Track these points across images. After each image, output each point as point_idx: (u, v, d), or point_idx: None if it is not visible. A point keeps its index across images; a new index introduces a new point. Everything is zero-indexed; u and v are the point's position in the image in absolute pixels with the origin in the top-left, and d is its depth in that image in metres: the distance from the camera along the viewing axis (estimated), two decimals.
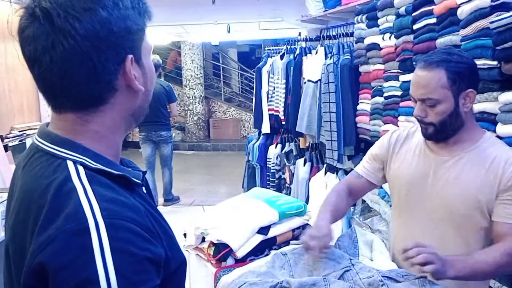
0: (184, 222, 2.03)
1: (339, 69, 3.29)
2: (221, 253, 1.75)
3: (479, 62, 1.85)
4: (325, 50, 3.71)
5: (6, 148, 3.63)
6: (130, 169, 0.86)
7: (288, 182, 4.45)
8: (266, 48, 5.62)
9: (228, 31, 7.51)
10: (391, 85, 2.71)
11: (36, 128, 4.21)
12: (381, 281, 1.18)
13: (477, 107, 1.93)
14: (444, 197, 1.47)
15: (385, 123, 2.78)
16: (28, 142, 3.99)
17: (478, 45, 1.86)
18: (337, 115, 3.34)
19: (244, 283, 1.30)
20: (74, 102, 0.78)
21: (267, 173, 4.87)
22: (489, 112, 1.87)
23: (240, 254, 1.74)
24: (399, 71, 2.61)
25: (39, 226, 0.69)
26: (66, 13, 0.72)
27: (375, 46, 2.88)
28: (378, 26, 2.85)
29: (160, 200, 5.76)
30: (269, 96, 4.71)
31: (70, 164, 0.75)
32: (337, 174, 3.55)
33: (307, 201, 3.76)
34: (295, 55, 4.20)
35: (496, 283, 1.87)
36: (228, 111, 10.71)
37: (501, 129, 1.79)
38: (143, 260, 0.69)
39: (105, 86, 0.77)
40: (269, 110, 4.74)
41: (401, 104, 2.59)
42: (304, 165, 4.07)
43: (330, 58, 3.45)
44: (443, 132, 1.46)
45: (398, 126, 2.51)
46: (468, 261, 1.33)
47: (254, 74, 5.23)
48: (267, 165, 4.87)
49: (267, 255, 1.60)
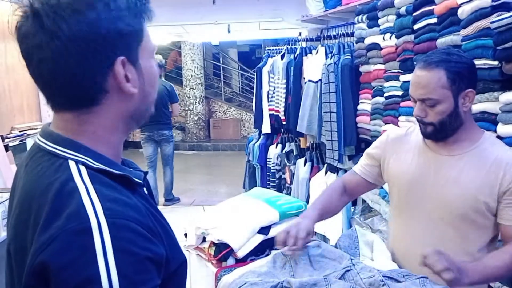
0: (185, 222, 2.03)
1: (339, 69, 3.29)
2: (222, 253, 1.75)
3: (480, 62, 1.85)
4: (326, 50, 3.72)
5: (6, 148, 3.63)
6: (131, 169, 0.86)
7: (289, 182, 4.45)
8: (267, 48, 5.62)
9: (229, 31, 7.52)
10: (392, 85, 2.71)
11: (37, 128, 4.22)
12: (382, 281, 1.18)
13: (478, 107, 1.93)
14: (444, 196, 1.47)
15: (385, 123, 2.78)
16: (29, 142, 4.00)
17: (478, 45, 1.86)
18: (337, 115, 3.34)
19: (245, 283, 1.30)
20: (66, 102, 0.78)
21: (268, 173, 4.87)
22: (489, 112, 1.87)
23: (240, 254, 1.74)
24: (399, 71, 2.61)
25: (40, 225, 0.69)
26: (55, 14, 0.72)
27: (375, 46, 2.88)
28: (378, 26, 2.84)
29: (161, 200, 5.77)
30: (270, 96, 4.71)
31: (72, 164, 0.75)
32: (337, 174, 3.55)
33: (307, 201, 3.76)
34: (296, 55, 4.20)
35: (497, 283, 1.86)
36: (229, 111, 10.71)
37: (502, 129, 1.79)
38: (144, 260, 0.69)
39: (94, 87, 0.76)
40: (269, 110, 4.74)
41: (402, 104, 2.59)
42: (305, 165, 4.07)
43: (331, 58, 3.45)
44: (442, 131, 1.46)
45: (398, 126, 2.51)
46: (479, 267, 1.35)
47: (255, 74, 5.23)
48: (268, 165, 4.87)
49: (267, 255, 1.60)
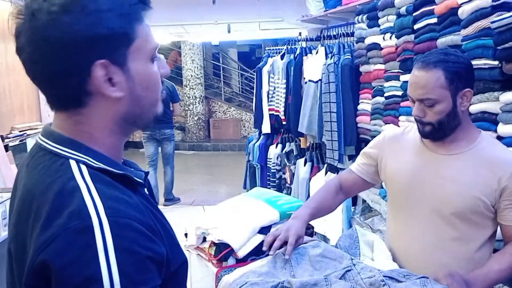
0: (185, 222, 2.03)
1: (339, 69, 3.29)
2: (222, 253, 1.75)
3: (480, 62, 1.85)
4: (326, 50, 3.71)
5: (6, 148, 3.64)
6: (132, 169, 0.86)
7: (289, 182, 4.45)
8: (267, 48, 5.62)
9: (229, 31, 7.51)
10: (392, 85, 2.71)
11: (37, 128, 4.22)
12: (382, 281, 1.18)
13: (478, 107, 1.93)
14: (442, 195, 1.48)
15: (386, 123, 2.78)
16: (29, 142, 4.00)
17: (479, 45, 1.86)
18: (337, 115, 3.34)
19: (245, 283, 1.30)
20: (56, 102, 0.78)
21: (268, 173, 4.87)
22: (490, 112, 1.87)
23: (241, 254, 1.74)
24: (399, 71, 2.61)
25: (40, 224, 0.69)
26: (34, 18, 0.72)
27: (375, 46, 2.88)
28: (378, 26, 2.84)
29: (161, 199, 5.77)
30: (270, 96, 4.71)
31: (73, 163, 0.75)
32: (337, 174, 3.55)
33: None
34: (296, 55, 4.20)
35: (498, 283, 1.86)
36: (229, 111, 10.71)
37: (502, 129, 1.79)
38: (145, 259, 0.69)
39: (76, 89, 0.75)
40: (269, 110, 4.74)
41: (402, 104, 2.59)
42: (305, 165, 4.07)
43: (331, 58, 3.45)
44: (440, 131, 1.47)
45: (399, 126, 2.51)
46: (483, 274, 1.38)
47: (255, 74, 5.23)
48: (268, 165, 4.87)
49: (268, 255, 1.60)
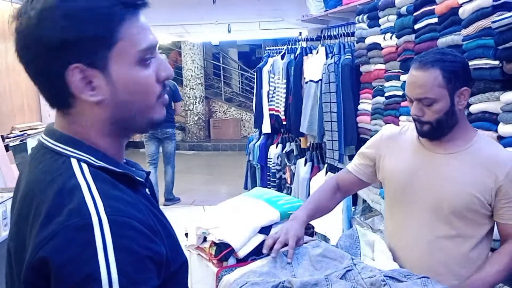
0: (185, 222, 2.03)
1: (340, 69, 3.29)
2: (223, 252, 1.75)
3: (481, 62, 1.85)
4: (326, 50, 3.72)
5: (7, 148, 3.64)
6: (134, 169, 0.86)
7: (289, 182, 4.45)
8: (267, 48, 5.62)
9: (229, 31, 7.51)
10: (392, 84, 2.71)
11: (37, 128, 4.22)
12: (383, 281, 1.18)
13: (479, 106, 1.93)
14: (439, 194, 1.49)
15: (386, 123, 2.77)
16: (29, 142, 4.00)
17: (479, 44, 1.86)
18: (337, 115, 3.34)
19: (246, 283, 1.30)
20: (47, 101, 0.79)
21: (268, 173, 4.87)
22: (490, 112, 1.87)
23: (241, 253, 1.74)
24: (400, 70, 2.61)
25: (40, 221, 0.69)
26: (19, 20, 0.74)
27: (376, 46, 2.88)
28: (379, 26, 2.84)
29: (161, 199, 5.77)
30: (270, 96, 4.72)
31: (74, 162, 0.75)
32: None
33: None
34: (296, 55, 4.20)
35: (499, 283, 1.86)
36: (229, 111, 10.71)
37: (503, 128, 1.79)
38: (144, 259, 0.69)
39: (59, 91, 0.76)
40: (269, 110, 4.74)
41: (402, 104, 2.59)
42: (305, 165, 4.07)
43: (331, 58, 3.45)
44: (439, 129, 1.48)
45: (399, 126, 2.51)
46: (482, 279, 1.41)
47: (255, 74, 5.23)
48: (268, 165, 4.87)
49: (268, 255, 1.60)
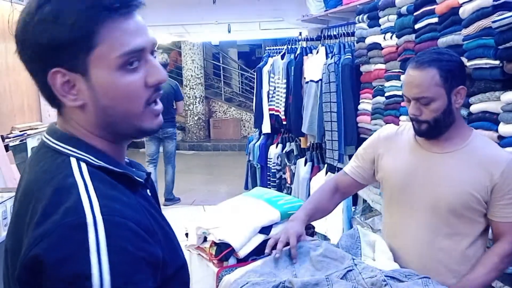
0: (185, 222, 2.03)
1: (340, 68, 3.29)
2: (223, 252, 1.75)
3: (481, 62, 1.85)
4: (326, 50, 3.71)
5: (7, 148, 3.63)
6: (134, 169, 0.86)
7: (289, 182, 4.45)
8: (267, 48, 5.62)
9: (229, 31, 7.50)
10: (392, 84, 2.71)
11: (37, 128, 4.21)
12: (384, 281, 1.18)
13: (479, 106, 1.93)
14: (437, 193, 1.51)
15: (386, 123, 2.77)
16: (29, 142, 3.99)
17: (480, 44, 1.86)
18: (337, 114, 3.34)
19: (247, 283, 1.30)
20: (45, 100, 0.81)
21: (268, 173, 4.87)
22: (491, 111, 1.87)
23: (242, 253, 1.74)
24: (400, 70, 2.61)
25: (36, 219, 0.69)
26: (16, 24, 0.78)
27: (376, 46, 2.87)
28: (379, 25, 2.84)
29: (161, 199, 5.76)
30: (270, 96, 4.71)
31: (73, 161, 0.75)
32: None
33: None
34: (296, 55, 4.20)
35: (499, 283, 1.86)
36: (229, 111, 10.71)
37: (504, 128, 1.79)
38: (139, 260, 0.68)
39: (47, 93, 0.77)
40: (269, 110, 4.74)
41: (403, 103, 2.58)
42: (305, 165, 4.07)
43: (331, 58, 3.44)
44: (436, 128, 1.49)
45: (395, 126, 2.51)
46: (473, 280, 1.43)
47: (255, 74, 5.23)
48: (268, 165, 4.87)
49: (269, 255, 1.60)
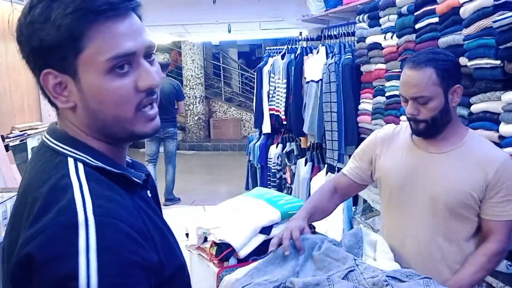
0: (185, 222, 2.03)
1: (340, 68, 3.29)
2: (224, 253, 1.75)
3: (482, 62, 1.85)
4: (326, 50, 3.71)
5: (7, 148, 3.63)
6: (132, 170, 0.85)
7: (289, 182, 4.45)
8: (267, 48, 5.62)
9: (229, 31, 7.50)
10: (393, 84, 2.70)
11: (37, 128, 4.21)
12: (385, 281, 1.18)
13: (480, 106, 1.93)
14: (434, 193, 1.52)
15: (387, 123, 2.77)
16: (29, 142, 3.99)
17: (481, 44, 1.86)
18: (338, 114, 3.33)
19: (249, 284, 1.29)
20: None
21: (268, 173, 4.86)
22: (492, 111, 1.87)
23: (242, 254, 1.74)
24: (401, 70, 2.58)
25: (31, 218, 0.69)
26: None
27: (376, 46, 2.87)
28: (379, 25, 2.84)
29: (161, 199, 5.75)
30: (270, 96, 4.71)
31: (70, 161, 0.76)
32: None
33: None
34: (296, 55, 4.20)
35: (499, 283, 1.86)
36: (229, 111, 10.70)
37: (504, 128, 1.79)
38: (130, 263, 0.67)
39: (43, 92, 0.79)
40: (270, 110, 4.73)
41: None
42: (305, 165, 4.07)
43: (332, 58, 3.44)
44: (434, 127, 1.50)
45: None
46: (458, 281, 1.44)
47: (255, 74, 5.23)
48: (268, 165, 4.86)
49: (271, 252, 1.59)
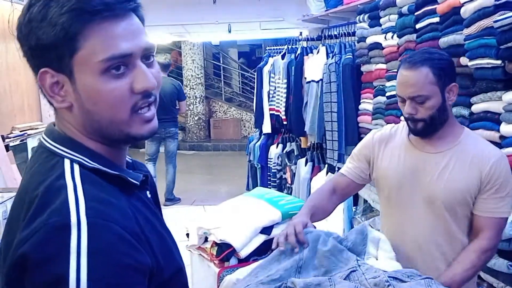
0: (185, 222, 2.03)
1: (341, 68, 3.28)
2: (224, 253, 1.75)
3: (483, 61, 1.85)
4: (327, 50, 3.71)
5: (7, 148, 3.63)
6: (130, 171, 0.85)
7: (290, 182, 4.45)
8: (267, 48, 5.61)
9: (229, 31, 7.49)
10: (394, 84, 2.69)
11: (37, 128, 4.21)
12: (387, 281, 1.18)
13: (481, 106, 1.93)
14: (433, 192, 1.53)
15: (387, 123, 2.77)
16: (29, 142, 3.99)
17: (481, 44, 1.86)
18: (338, 114, 3.33)
19: (250, 284, 1.29)
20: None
21: (268, 173, 4.86)
22: (492, 111, 1.87)
23: (243, 254, 1.74)
24: None
25: (26, 220, 0.70)
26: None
27: (377, 46, 2.87)
28: (380, 25, 2.84)
29: (161, 199, 5.75)
30: (270, 96, 4.71)
31: (66, 163, 0.75)
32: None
33: None
34: (297, 55, 4.20)
35: (500, 283, 1.86)
36: (229, 111, 10.70)
37: (505, 128, 1.79)
38: (122, 265, 0.67)
39: (41, 91, 0.79)
40: (270, 110, 4.73)
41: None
42: (306, 165, 4.07)
43: (332, 58, 3.44)
44: (432, 126, 1.51)
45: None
46: (449, 279, 1.44)
47: (255, 73, 5.23)
48: (268, 165, 4.86)
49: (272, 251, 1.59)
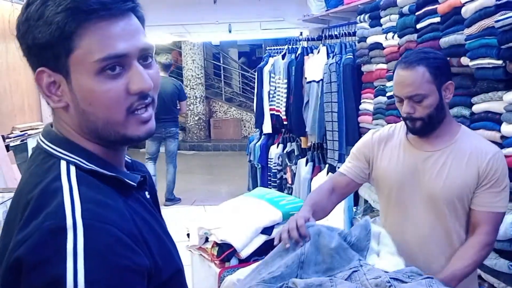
0: (185, 222, 2.03)
1: (341, 68, 3.28)
2: (225, 253, 1.75)
3: (484, 61, 1.84)
4: (327, 50, 3.71)
5: (7, 148, 3.63)
6: (128, 172, 0.84)
7: (290, 182, 4.44)
8: (268, 48, 5.61)
9: (229, 31, 7.50)
10: None
11: (37, 128, 4.21)
12: (388, 282, 1.18)
13: (482, 106, 1.92)
14: (432, 191, 1.54)
15: (388, 123, 2.76)
16: (29, 142, 3.99)
17: (482, 44, 1.85)
18: (338, 114, 3.33)
19: (250, 285, 1.29)
20: None
21: (269, 173, 4.86)
22: (493, 111, 1.87)
23: (244, 254, 1.74)
24: None
25: (22, 222, 0.69)
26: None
27: (377, 46, 2.87)
28: (380, 25, 2.84)
29: (161, 199, 5.75)
30: (271, 96, 4.71)
31: (63, 164, 0.75)
32: None
33: None
34: (297, 55, 4.19)
35: (501, 284, 1.86)
36: (229, 111, 10.70)
37: (506, 128, 1.78)
38: (119, 267, 0.66)
39: (40, 90, 0.79)
40: (270, 110, 4.73)
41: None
42: (306, 165, 4.06)
43: (333, 58, 3.44)
44: (430, 124, 1.53)
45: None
46: (450, 275, 1.44)
47: (255, 74, 5.22)
48: (269, 165, 4.86)
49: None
